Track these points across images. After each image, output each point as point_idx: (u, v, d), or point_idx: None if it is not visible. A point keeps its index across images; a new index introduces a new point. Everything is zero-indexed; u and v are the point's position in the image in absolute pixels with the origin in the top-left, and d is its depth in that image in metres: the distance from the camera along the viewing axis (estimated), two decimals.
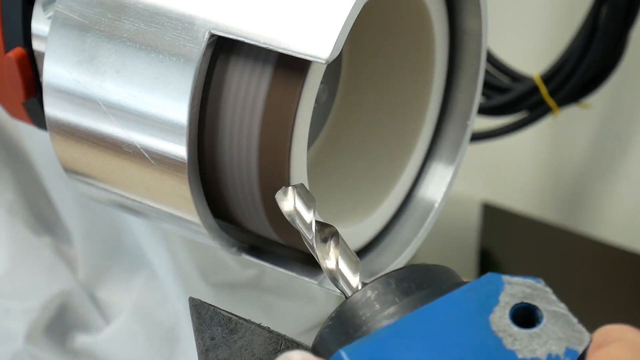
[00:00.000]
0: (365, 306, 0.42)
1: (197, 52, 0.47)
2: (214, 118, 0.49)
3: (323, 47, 0.45)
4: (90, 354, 0.81)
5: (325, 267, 0.46)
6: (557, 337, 0.39)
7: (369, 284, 0.43)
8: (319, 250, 0.46)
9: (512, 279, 0.41)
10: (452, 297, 0.41)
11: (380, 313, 0.42)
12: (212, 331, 0.46)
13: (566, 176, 1.16)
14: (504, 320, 0.40)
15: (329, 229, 0.47)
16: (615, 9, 0.84)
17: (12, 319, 0.78)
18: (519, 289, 0.40)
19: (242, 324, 0.46)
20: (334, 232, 0.47)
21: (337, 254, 0.46)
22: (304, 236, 0.47)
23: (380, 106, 0.60)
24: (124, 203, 0.55)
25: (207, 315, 0.47)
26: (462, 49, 0.59)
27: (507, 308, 0.40)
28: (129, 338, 0.81)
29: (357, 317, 0.42)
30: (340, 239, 0.47)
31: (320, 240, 0.47)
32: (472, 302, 0.40)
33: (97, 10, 0.50)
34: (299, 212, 0.47)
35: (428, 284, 0.43)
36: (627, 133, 1.08)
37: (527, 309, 0.40)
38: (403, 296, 0.42)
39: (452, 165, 0.60)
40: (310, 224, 0.47)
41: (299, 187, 0.48)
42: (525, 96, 0.93)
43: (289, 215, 0.47)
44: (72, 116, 0.51)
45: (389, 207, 0.59)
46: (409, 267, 0.44)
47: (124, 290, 0.83)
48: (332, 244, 0.47)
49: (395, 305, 0.42)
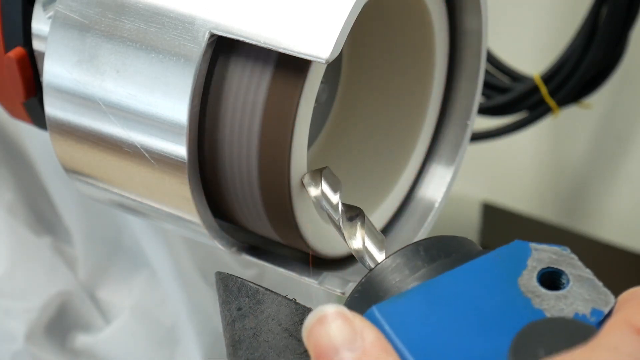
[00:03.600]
0: (394, 271, 0.43)
1: (197, 52, 0.47)
2: (214, 118, 0.49)
3: (323, 47, 0.45)
4: (90, 354, 0.81)
5: (352, 247, 0.48)
6: (583, 299, 0.40)
7: (398, 251, 0.44)
8: (345, 230, 0.48)
9: (539, 246, 0.42)
10: (481, 262, 0.42)
11: (411, 276, 0.42)
12: (239, 302, 0.47)
13: (566, 176, 1.16)
14: (532, 282, 0.41)
15: (355, 210, 0.49)
16: (616, 9, 0.84)
17: (12, 319, 0.78)
18: (545, 255, 0.42)
19: (269, 295, 0.47)
20: (360, 212, 0.49)
21: (363, 233, 0.48)
22: (331, 217, 0.49)
23: (380, 106, 0.60)
24: (124, 203, 0.55)
25: (235, 287, 0.47)
26: (462, 49, 0.59)
27: (534, 272, 0.41)
28: (129, 338, 0.81)
29: (387, 282, 0.43)
30: (366, 218, 0.49)
31: (347, 221, 0.48)
32: (500, 266, 0.42)
33: (97, 10, 0.50)
34: (326, 194, 0.49)
35: (456, 252, 0.44)
36: (627, 133, 1.08)
37: (554, 273, 0.41)
38: (432, 261, 0.43)
39: (452, 166, 0.60)
40: (337, 206, 0.49)
41: (325, 170, 0.50)
42: (525, 96, 0.93)
43: (315, 198, 0.49)
44: (72, 116, 0.51)
45: (389, 206, 0.59)
46: (436, 237, 0.45)
47: (124, 290, 0.83)
48: (359, 224, 0.48)
49: (425, 269, 0.43)
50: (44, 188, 0.82)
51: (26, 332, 0.78)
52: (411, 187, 0.61)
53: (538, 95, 0.92)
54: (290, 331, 0.46)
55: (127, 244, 0.83)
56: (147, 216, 0.55)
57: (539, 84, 0.91)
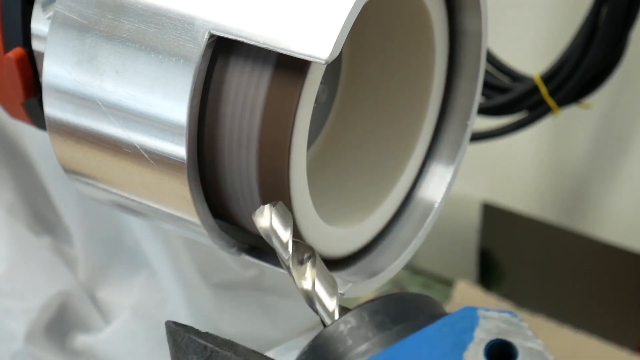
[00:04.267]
0: (338, 341, 0.42)
1: (196, 52, 0.47)
2: (214, 118, 0.49)
3: (323, 47, 0.45)
4: (90, 354, 0.81)
5: (301, 289, 0.45)
6: None
7: (342, 317, 0.42)
8: (295, 271, 0.46)
9: (487, 314, 0.40)
10: (426, 333, 0.40)
11: (353, 350, 0.41)
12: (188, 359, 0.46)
13: (566, 176, 1.16)
14: (479, 357, 0.39)
15: (306, 249, 0.46)
16: (616, 9, 0.84)
17: (12, 319, 0.78)
18: (494, 324, 0.40)
19: (217, 353, 0.45)
20: (312, 252, 0.46)
21: (313, 275, 0.45)
22: (279, 256, 0.46)
23: (380, 106, 0.60)
24: (124, 203, 0.55)
25: (183, 343, 0.46)
26: (462, 49, 0.59)
27: (481, 344, 0.39)
28: (129, 338, 0.81)
29: (330, 353, 0.42)
30: (317, 260, 0.46)
31: (297, 261, 0.46)
32: (446, 338, 0.40)
33: (97, 11, 0.50)
34: (275, 230, 0.46)
35: (402, 318, 0.42)
36: (627, 133, 1.08)
37: (503, 344, 0.40)
38: (377, 331, 0.41)
39: (452, 165, 0.60)
40: (287, 244, 0.46)
41: (277, 205, 0.47)
42: (525, 96, 0.93)
43: (264, 233, 0.46)
44: (72, 116, 0.51)
45: (389, 207, 0.59)
46: (383, 298, 0.43)
47: (124, 290, 0.83)
48: (309, 265, 0.46)
49: (368, 342, 0.41)
50: (44, 188, 0.82)
51: (26, 332, 0.78)
52: (411, 187, 0.61)
53: (538, 95, 0.92)
54: None
55: (127, 244, 0.83)
56: (146, 216, 0.55)
57: (539, 84, 0.91)
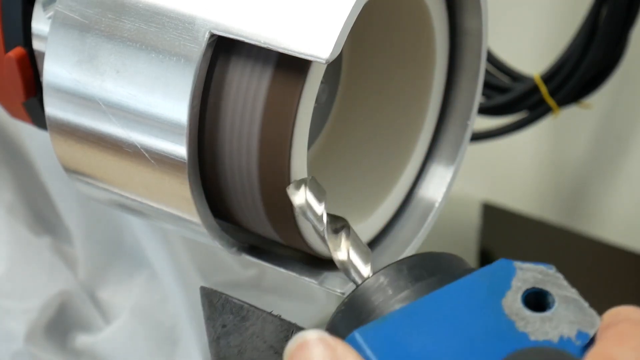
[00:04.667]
0: (377, 291, 0.42)
1: (197, 52, 0.47)
2: (214, 118, 0.49)
3: (323, 47, 0.45)
4: (90, 354, 0.81)
5: (336, 259, 0.47)
6: (568, 321, 0.39)
7: (381, 271, 0.43)
8: (330, 242, 0.47)
9: (523, 265, 0.41)
10: (465, 282, 0.41)
11: (393, 297, 0.42)
12: (224, 319, 0.47)
13: (566, 176, 1.16)
14: (516, 304, 0.40)
15: (340, 221, 0.48)
16: (616, 8, 0.84)
17: (12, 319, 0.78)
18: (530, 275, 0.41)
19: (254, 312, 0.46)
20: (345, 224, 0.48)
21: (348, 245, 0.47)
22: (315, 228, 0.48)
23: (380, 106, 0.60)
24: (124, 203, 0.55)
25: (219, 304, 0.47)
26: (462, 49, 0.59)
27: (519, 292, 0.40)
28: (129, 338, 0.81)
29: (370, 302, 0.42)
30: (351, 230, 0.48)
31: (332, 232, 0.47)
32: (484, 286, 0.41)
33: (97, 10, 0.50)
34: (310, 204, 0.48)
35: (440, 271, 0.43)
36: (627, 133, 1.08)
37: (538, 293, 0.40)
38: (415, 282, 0.42)
39: (452, 165, 0.60)
40: (322, 216, 0.48)
41: (309, 180, 0.48)
42: (525, 96, 0.93)
43: (300, 208, 0.48)
44: (72, 116, 0.51)
45: (389, 207, 0.59)
46: (420, 255, 0.44)
47: (124, 290, 0.83)
48: (344, 235, 0.47)
49: (408, 290, 0.42)
50: (44, 188, 0.82)
51: (26, 332, 0.78)
52: (411, 187, 0.61)
53: (538, 95, 0.92)
54: (275, 348, 0.46)
55: (127, 244, 0.83)
56: (147, 216, 0.55)
57: (539, 84, 0.91)
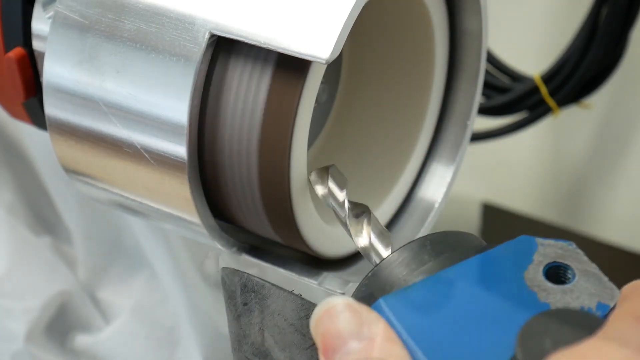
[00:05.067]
0: (401, 265, 0.43)
1: (197, 52, 0.47)
2: (214, 118, 0.49)
3: (323, 47, 0.45)
4: (90, 354, 0.81)
5: (358, 244, 0.48)
6: (589, 293, 0.41)
7: (404, 245, 0.44)
8: (352, 228, 0.49)
9: (545, 241, 0.42)
10: (488, 255, 0.42)
11: (417, 269, 0.43)
12: (245, 297, 0.47)
13: (566, 176, 1.16)
14: (538, 276, 0.41)
15: (361, 207, 0.49)
16: (616, 9, 0.84)
17: (12, 319, 0.78)
18: (552, 250, 0.42)
19: (275, 290, 0.47)
20: (366, 209, 0.49)
21: (369, 230, 0.48)
22: (337, 215, 0.49)
23: (380, 106, 0.60)
24: (124, 203, 0.55)
25: (240, 282, 0.47)
26: (462, 49, 0.59)
27: (540, 266, 0.41)
28: (129, 338, 0.81)
29: (394, 275, 0.43)
30: (372, 215, 0.49)
31: (353, 218, 0.49)
32: (506, 260, 0.42)
33: (97, 11, 0.50)
34: (332, 192, 0.50)
35: (462, 246, 0.44)
36: (627, 133, 1.08)
37: (559, 267, 0.42)
38: (438, 255, 0.43)
39: (452, 165, 0.60)
40: (343, 203, 0.49)
41: (331, 168, 0.50)
42: (525, 96, 0.93)
43: (322, 196, 0.50)
44: (72, 116, 0.51)
45: (389, 207, 0.59)
46: (442, 232, 0.45)
47: (124, 290, 0.83)
48: (365, 221, 0.49)
49: (431, 263, 0.43)
50: (44, 188, 0.82)
51: (26, 332, 0.78)
52: (411, 187, 0.61)
53: (538, 95, 0.92)
54: (296, 326, 0.46)
55: (127, 244, 0.83)
56: (147, 216, 0.55)
57: (539, 84, 0.91)
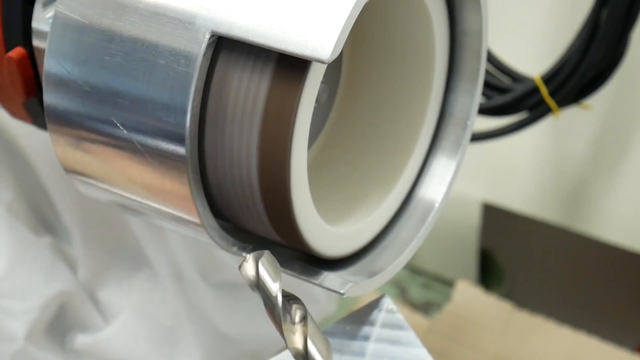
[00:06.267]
0: None
1: (197, 52, 0.47)
2: (214, 118, 0.49)
3: (323, 47, 0.45)
4: (90, 354, 0.81)
5: (291, 346, 0.42)
6: None
7: None
8: (285, 327, 0.42)
9: None
10: None
11: None
12: None
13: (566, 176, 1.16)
14: None
15: (297, 303, 0.43)
16: (616, 10, 0.84)
17: (12, 319, 0.78)
18: None
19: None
20: (302, 307, 0.43)
21: (305, 332, 0.42)
22: (268, 310, 0.43)
23: (381, 106, 0.60)
24: (124, 203, 0.55)
25: None
26: (462, 49, 0.59)
27: None
28: (129, 338, 0.81)
29: None
30: (309, 316, 0.43)
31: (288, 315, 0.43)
32: None
33: (97, 10, 0.50)
34: (264, 282, 0.44)
35: None
36: (627, 133, 1.08)
37: None
38: None
39: (452, 165, 0.60)
40: (276, 297, 0.43)
41: (265, 254, 0.44)
42: (525, 96, 0.93)
43: (252, 287, 0.44)
44: (72, 116, 0.51)
45: (390, 206, 0.59)
46: None
47: (124, 290, 0.83)
48: (301, 320, 0.43)
49: None
50: (44, 188, 0.82)
51: (26, 332, 0.78)
52: (411, 187, 0.61)
53: (538, 95, 0.92)
54: None
55: (127, 244, 0.83)
56: (147, 216, 0.55)
57: (539, 84, 0.91)
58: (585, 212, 1.16)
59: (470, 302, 1.13)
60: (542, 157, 1.17)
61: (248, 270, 0.44)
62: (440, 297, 1.26)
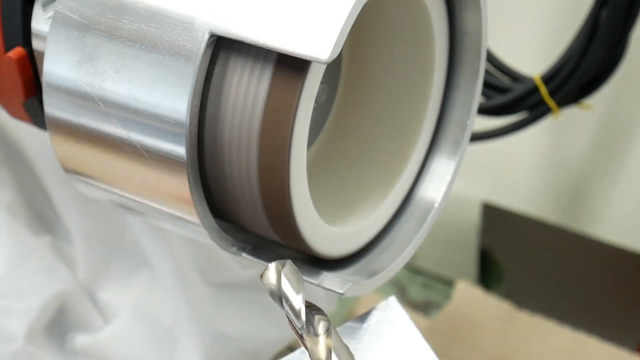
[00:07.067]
0: None
1: (197, 52, 0.47)
2: (214, 118, 0.49)
3: (323, 47, 0.45)
4: (90, 354, 0.81)
5: (315, 359, 0.41)
6: None
7: None
8: (308, 340, 0.42)
9: None
10: None
11: None
12: None
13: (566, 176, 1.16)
14: None
15: (319, 314, 0.42)
16: (616, 9, 0.84)
17: (12, 319, 0.78)
18: None
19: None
20: (325, 318, 0.42)
21: (329, 344, 0.42)
22: (291, 322, 0.43)
23: (380, 106, 0.60)
24: (124, 203, 0.55)
25: None
26: (462, 49, 0.59)
27: None
28: (129, 338, 0.81)
29: None
30: (332, 327, 0.42)
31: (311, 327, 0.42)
32: None
33: (97, 11, 0.50)
34: (286, 294, 0.43)
35: None
36: (627, 133, 1.08)
37: None
38: None
39: (452, 165, 0.60)
40: (300, 310, 0.43)
41: (287, 264, 0.43)
42: (525, 96, 0.93)
43: (273, 297, 0.43)
44: (72, 116, 0.52)
45: (389, 206, 0.59)
46: None
47: (124, 290, 0.83)
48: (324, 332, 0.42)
49: None
50: (44, 188, 0.82)
51: (26, 332, 0.78)
52: (411, 187, 0.61)
53: (538, 95, 0.92)
54: None
55: (127, 244, 0.83)
56: (146, 216, 0.55)
57: (539, 84, 0.91)
58: (585, 212, 1.16)
59: (470, 302, 1.13)
60: (542, 157, 1.17)
61: (270, 279, 0.43)
62: (440, 297, 1.26)
